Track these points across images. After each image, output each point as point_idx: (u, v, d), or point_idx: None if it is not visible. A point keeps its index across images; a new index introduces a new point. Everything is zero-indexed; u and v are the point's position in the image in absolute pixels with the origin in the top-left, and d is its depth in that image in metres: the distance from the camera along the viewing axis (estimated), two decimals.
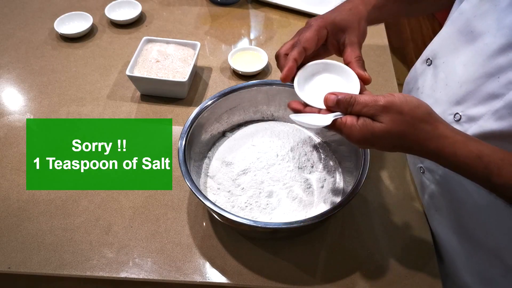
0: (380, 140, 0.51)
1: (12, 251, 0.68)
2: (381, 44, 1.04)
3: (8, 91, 0.94)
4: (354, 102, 0.51)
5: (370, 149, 0.55)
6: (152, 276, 0.66)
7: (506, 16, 0.53)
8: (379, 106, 0.50)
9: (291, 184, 0.69)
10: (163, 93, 0.90)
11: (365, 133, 0.50)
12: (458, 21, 0.61)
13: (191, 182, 0.63)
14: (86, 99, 0.91)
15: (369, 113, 0.50)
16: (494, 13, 0.55)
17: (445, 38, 0.64)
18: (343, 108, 0.52)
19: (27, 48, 1.02)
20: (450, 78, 0.61)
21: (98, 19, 1.09)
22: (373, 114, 0.50)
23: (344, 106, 0.52)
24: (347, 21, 0.62)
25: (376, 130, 0.50)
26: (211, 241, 0.70)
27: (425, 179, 0.69)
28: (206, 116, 0.73)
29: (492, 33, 0.54)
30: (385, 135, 0.50)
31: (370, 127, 0.50)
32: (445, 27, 0.65)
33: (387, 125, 0.49)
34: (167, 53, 0.92)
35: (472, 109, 0.57)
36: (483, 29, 0.56)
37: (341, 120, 0.51)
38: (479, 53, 0.56)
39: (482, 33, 0.56)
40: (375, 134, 0.50)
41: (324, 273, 0.66)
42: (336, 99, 0.52)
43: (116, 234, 0.70)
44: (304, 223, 0.60)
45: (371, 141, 0.51)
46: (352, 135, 0.51)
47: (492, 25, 0.55)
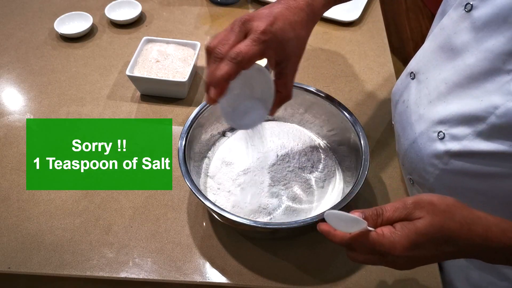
0: (427, 238, 0.45)
1: (12, 251, 0.68)
2: (381, 44, 1.04)
3: (8, 91, 0.94)
4: (382, 211, 0.47)
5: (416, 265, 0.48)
6: (152, 276, 0.66)
7: (486, 39, 0.52)
8: (410, 204, 0.46)
9: (291, 184, 0.69)
10: (163, 93, 0.90)
11: (409, 235, 0.45)
12: (439, 36, 0.60)
13: (191, 182, 0.63)
14: (86, 99, 0.91)
15: (402, 215, 0.46)
16: (472, 32, 0.54)
17: (427, 54, 0.63)
18: (372, 221, 0.47)
19: (27, 48, 1.02)
20: (433, 95, 0.60)
21: (98, 19, 1.09)
22: (407, 214, 0.46)
23: (373, 218, 0.47)
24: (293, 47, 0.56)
25: (419, 226, 0.45)
26: (211, 241, 0.70)
27: (415, 191, 0.70)
28: (206, 116, 0.73)
29: (472, 53, 0.54)
30: (430, 230, 0.45)
31: (411, 227, 0.45)
32: (426, 42, 0.65)
33: (427, 217, 0.45)
34: (167, 53, 0.92)
35: (455, 128, 0.56)
36: (462, 46, 0.55)
37: (377, 232, 0.46)
38: (460, 73, 0.55)
39: (461, 51, 0.55)
40: (420, 231, 0.45)
41: (324, 273, 0.66)
42: (362, 216, 0.47)
43: (116, 234, 0.70)
44: (304, 223, 0.60)
45: (419, 244, 0.45)
46: (398, 244, 0.45)
47: (471, 44, 0.54)
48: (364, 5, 1.11)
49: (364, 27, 1.09)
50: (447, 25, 0.59)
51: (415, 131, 0.63)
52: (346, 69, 0.98)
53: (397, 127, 0.71)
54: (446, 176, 0.60)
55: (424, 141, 0.61)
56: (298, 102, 0.77)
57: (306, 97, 0.75)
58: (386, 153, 0.81)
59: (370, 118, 0.86)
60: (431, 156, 0.60)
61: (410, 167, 0.67)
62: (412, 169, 0.66)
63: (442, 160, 0.59)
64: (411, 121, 0.64)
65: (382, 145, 0.82)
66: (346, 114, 0.71)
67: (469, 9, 0.54)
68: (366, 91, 0.93)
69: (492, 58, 0.51)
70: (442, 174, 0.60)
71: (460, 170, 0.58)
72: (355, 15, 1.08)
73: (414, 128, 0.63)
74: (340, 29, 1.08)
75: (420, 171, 0.64)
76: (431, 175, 0.62)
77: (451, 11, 0.58)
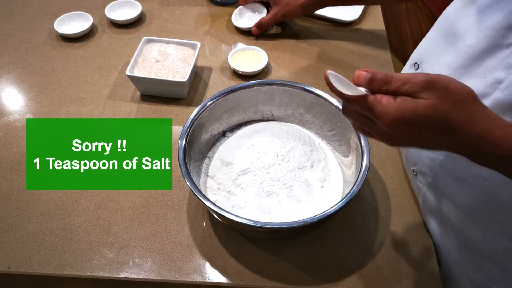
0: (421, 121, 0.43)
1: (12, 251, 0.68)
2: (381, 44, 1.04)
3: (8, 91, 0.94)
4: (391, 79, 0.44)
5: (400, 142, 0.47)
6: (152, 276, 0.66)
7: (487, 17, 0.53)
8: (422, 82, 0.43)
9: (291, 184, 0.69)
10: (163, 93, 0.90)
11: (403, 111, 0.42)
12: (442, 25, 0.62)
13: (191, 182, 0.63)
14: (86, 99, 0.91)
15: (410, 91, 0.43)
16: (476, 15, 0.55)
17: (431, 42, 0.64)
18: (377, 86, 0.44)
19: (27, 48, 1.02)
20: None
21: (98, 19, 1.09)
22: (415, 91, 0.43)
23: (378, 83, 0.44)
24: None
25: (420, 106, 0.42)
26: (211, 241, 0.70)
27: (418, 182, 0.70)
28: (206, 116, 0.73)
29: (474, 34, 0.55)
30: (429, 112, 0.42)
31: (411, 104, 0.43)
32: (430, 32, 0.66)
33: (433, 100, 0.42)
34: (167, 53, 0.92)
35: None
36: (464, 30, 0.56)
37: (376, 97, 0.44)
38: (462, 54, 0.56)
39: (463, 34, 0.56)
40: (417, 112, 0.42)
41: (324, 273, 0.66)
42: (369, 77, 0.44)
43: (116, 234, 0.70)
44: (304, 223, 0.60)
45: (409, 122, 0.43)
46: (387, 114, 0.43)
47: (473, 26, 0.55)
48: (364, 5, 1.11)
49: (364, 27, 1.09)
50: (451, 13, 0.60)
51: None
52: (346, 69, 0.98)
53: None
54: (451, 162, 0.60)
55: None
56: (298, 102, 0.77)
57: (306, 97, 0.75)
58: (386, 153, 0.81)
59: None
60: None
61: (414, 156, 0.67)
62: (416, 159, 0.67)
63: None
64: None
65: (382, 145, 0.82)
66: None
67: None
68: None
69: (492, 34, 0.52)
70: (447, 160, 0.60)
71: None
72: (355, 15, 1.08)
73: None
74: (340, 29, 1.08)
75: (425, 159, 0.64)
76: (436, 161, 0.62)
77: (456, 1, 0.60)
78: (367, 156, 0.66)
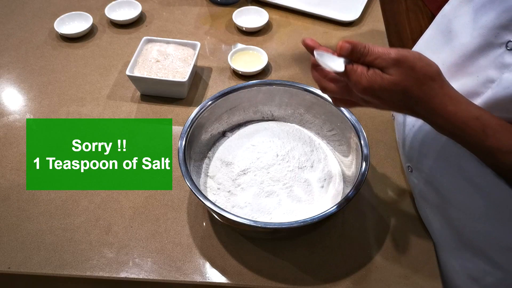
0: (384, 93, 0.50)
1: (12, 251, 0.68)
2: (381, 44, 1.04)
3: (8, 91, 0.94)
4: (367, 52, 0.50)
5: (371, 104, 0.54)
6: (152, 276, 0.66)
7: (481, 16, 0.54)
8: (391, 59, 0.49)
9: (291, 184, 0.69)
10: (163, 93, 0.90)
11: (372, 83, 0.50)
12: (440, 23, 0.62)
13: (191, 182, 0.63)
14: (86, 99, 0.91)
15: (380, 65, 0.50)
16: (471, 14, 0.56)
17: (429, 39, 0.65)
18: (356, 57, 0.51)
19: (27, 48, 1.02)
20: None
21: (98, 19, 1.09)
22: (384, 66, 0.49)
23: (357, 55, 0.51)
24: None
25: (385, 82, 0.49)
26: (211, 241, 0.70)
27: (414, 178, 0.70)
28: (206, 116, 0.73)
29: (468, 33, 0.56)
30: (391, 87, 0.49)
31: (379, 78, 0.49)
32: (429, 29, 0.67)
33: (396, 77, 0.49)
34: (167, 53, 0.92)
35: None
36: (459, 28, 0.57)
37: (352, 67, 0.51)
38: (456, 52, 0.57)
39: (458, 32, 0.57)
40: (382, 85, 0.49)
41: (324, 273, 0.66)
42: (350, 48, 0.50)
43: (116, 234, 0.70)
44: (304, 223, 0.60)
45: (376, 92, 0.50)
46: (359, 83, 0.50)
47: (468, 25, 0.56)
48: (364, 5, 1.11)
49: (364, 27, 1.09)
50: (448, 11, 0.61)
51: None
52: None
53: (397, 117, 0.72)
54: (444, 160, 0.61)
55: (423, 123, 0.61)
56: (298, 102, 0.77)
57: (306, 97, 0.75)
58: (386, 153, 0.81)
59: (370, 118, 0.86)
60: (431, 138, 0.61)
61: (409, 153, 0.68)
62: (411, 155, 0.67)
63: (441, 140, 0.60)
64: None
65: (382, 145, 0.82)
66: (346, 114, 0.71)
67: None
68: None
69: (485, 33, 0.53)
70: (440, 157, 0.61)
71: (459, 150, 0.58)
72: (355, 15, 1.08)
73: None
74: (340, 29, 1.08)
75: (420, 157, 0.65)
76: (430, 158, 0.63)
77: None
78: (367, 156, 0.66)
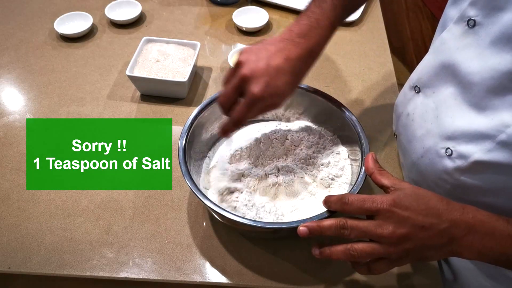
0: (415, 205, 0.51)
1: (12, 251, 0.68)
2: (381, 44, 1.04)
3: (8, 91, 0.94)
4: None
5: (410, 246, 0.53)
6: (152, 276, 0.66)
7: (491, 56, 0.51)
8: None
9: (291, 184, 0.69)
10: (163, 93, 0.90)
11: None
12: (441, 51, 0.59)
13: (191, 182, 0.63)
14: (86, 99, 0.91)
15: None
16: (477, 49, 0.53)
17: (430, 68, 0.62)
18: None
19: (27, 48, 1.02)
20: (440, 110, 0.59)
21: (98, 19, 1.09)
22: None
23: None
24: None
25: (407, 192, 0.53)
26: (211, 241, 0.70)
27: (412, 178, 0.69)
28: (206, 116, 0.73)
29: (477, 72, 0.53)
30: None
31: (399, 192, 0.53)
32: (428, 55, 0.64)
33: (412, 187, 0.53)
34: (167, 53, 0.92)
35: (464, 146, 0.55)
36: (467, 65, 0.54)
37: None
38: (468, 91, 0.54)
39: (467, 71, 0.54)
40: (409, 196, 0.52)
41: (324, 273, 0.66)
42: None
43: (116, 234, 0.70)
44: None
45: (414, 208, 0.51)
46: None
47: (477, 63, 0.53)
48: (364, 5, 1.11)
49: (364, 27, 1.09)
50: (448, 39, 0.58)
51: (423, 146, 0.62)
52: (346, 69, 0.98)
53: (401, 139, 0.70)
54: (457, 191, 0.59)
55: (432, 156, 0.60)
56: (298, 102, 0.77)
57: (306, 97, 0.75)
58: (386, 153, 0.81)
59: (370, 118, 0.86)
60: (441, 172, 0.60)
61: (418, 179, 0.67)
62: (420, 182, 0.66)
63: (452, 176, 0.58)
64: (417, 135, 0.64)
65: (382, 145, 0.82)
66: (346, 114, 0.71)
67: (472, 25, 0.53)
68: (366, 91, 0.93)
69: (499, 76, 0.50)
70: (453, 189, 0.60)
71: (471, 186, 0.57)
72: (355, 15, 1.08)
73: (421, 143, 0.63)
74: (340, 29, 1.07)
75: (430, 184, 0.63)
76: (442, 189, 0.61)
77: (452, 25, 0.57)
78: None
